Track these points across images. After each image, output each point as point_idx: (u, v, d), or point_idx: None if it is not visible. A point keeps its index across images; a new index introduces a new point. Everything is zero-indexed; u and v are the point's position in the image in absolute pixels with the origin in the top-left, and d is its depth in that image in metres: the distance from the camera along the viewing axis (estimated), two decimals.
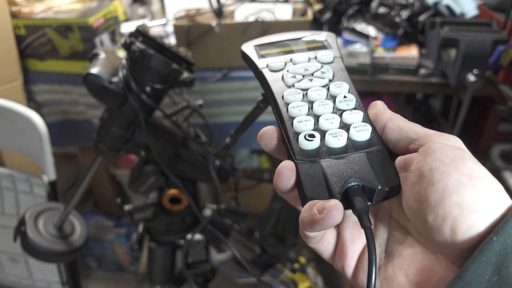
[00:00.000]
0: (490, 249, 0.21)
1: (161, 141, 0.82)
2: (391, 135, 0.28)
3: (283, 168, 0.27)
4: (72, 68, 1.23)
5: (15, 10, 1.20)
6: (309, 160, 0.28)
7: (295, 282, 1.14)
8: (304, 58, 0.34)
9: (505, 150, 1.28)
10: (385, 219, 0.29)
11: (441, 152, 0.24)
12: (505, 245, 0.21)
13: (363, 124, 0.29)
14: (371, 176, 0.27)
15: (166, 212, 0.91)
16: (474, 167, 0.24)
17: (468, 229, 0.22)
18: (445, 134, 0.26)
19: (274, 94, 0.32)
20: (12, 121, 1.00)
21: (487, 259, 0.21)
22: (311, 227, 0.25)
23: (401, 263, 0.26)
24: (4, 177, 1.07)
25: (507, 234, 0.21)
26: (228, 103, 1.22)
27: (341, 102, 0.30)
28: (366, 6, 1.25)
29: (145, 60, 0.73)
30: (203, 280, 0.98)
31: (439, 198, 0.23)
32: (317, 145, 0.28)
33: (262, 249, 1.06)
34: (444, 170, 0.23)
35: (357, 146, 0.28)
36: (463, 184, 0.23)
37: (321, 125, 0.29)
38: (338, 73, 0.33)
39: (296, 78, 0.32)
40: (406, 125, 0.27)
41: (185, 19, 1.17)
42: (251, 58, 0.35)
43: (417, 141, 0.26)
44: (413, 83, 1.12)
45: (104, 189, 1.61)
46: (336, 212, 0.24)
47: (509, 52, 0.95)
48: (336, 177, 0.27)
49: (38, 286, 1.16)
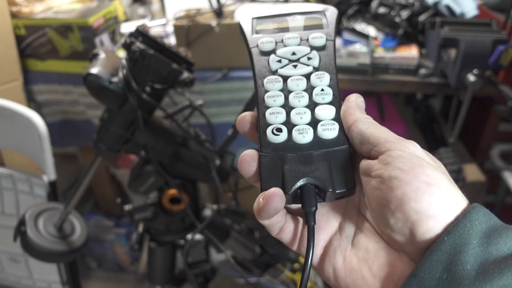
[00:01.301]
0: (441, 248, 0.23)
1: (161, 141, 0.82)
2: (355, 138, 0.28)
3: (245, 156, 0.29)
4: (72, 68, 1.23)
5: (15, 10, 1.20)
6: (273, 154, 0.29)
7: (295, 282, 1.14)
8: (295, 40, 0.33)
9: (505, 150, 1.28)
10: (353, 213, 0.30)
11: (400, 161, 0.25)
12: (455, 244, 0.22)
13: (332, 123, 0.29)
14: (325, 177, 0.28)
15: (166, 212, 0.91)
16: (432, 174, 0.25)
17: (426, 232, 0.24)
18: (404, 141, 0.27)
19: (256, 78, 0.32)
20: (12, 121, 1.00)
21: (438, 257, 0.23)
22: (259, 215, 0.27)
23: (366, 256, 0.27)
24: (4, 177, 1.07)
25: (458, 234, 0.23)
26: (228, 103, 1.22)
27: (318, 95, 0.30)
28: (366, 6, 1.25)
29: (145, 60, 0.73)
30: (203, 280, 0.98)
31: (398, 203, 0.24)
32: (283, 139, 0.29)
33: (262, 249, 1.06)
34: (403, 177, 0.25)
35: (323, 144, 0.29)
36: (422, 191, 0.24)
37: (292, 119, 0.30)
38: (325, 60, 0.32)
39: (281, 63, 0.32)
40: (368, 131, 0.28)
41: (185, 19, 1.17)
42: (245, 33, 0.35)
43: (377, 147, 0.27)
44: (413, 83, 1.12)
45: (104, 189, 1.61)
46: (275, 199, 0.26)
47: (509, 52, 0.95)
48: (293, 174, 0.28)
49: (38, 286, 1.16)
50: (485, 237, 0.23)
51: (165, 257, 0.97)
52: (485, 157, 1.32)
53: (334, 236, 0.29)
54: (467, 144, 1.33)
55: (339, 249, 0.28)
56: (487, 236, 0.23)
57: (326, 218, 0.30)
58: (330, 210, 0.30)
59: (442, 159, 1.19)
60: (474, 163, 1.24)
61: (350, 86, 1.16)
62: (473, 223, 0.23)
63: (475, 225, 0.23)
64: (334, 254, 0.28)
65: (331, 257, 0.28)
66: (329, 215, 0.30)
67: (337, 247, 0.28)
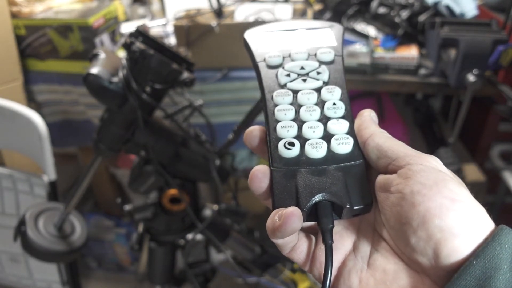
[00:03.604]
0: (469, 273, 0.21)
1: (161, 141, 0.82)
2: (371, 152, 0.27)
3: (256, 171, 0.28)
4: (72, 68, 1.23)
5: (15, 10, 1.20)
6: (285, 169, 0.27)
7: (295, 282, 1.14)
8: (303, 55, 0.33)
9: (505, 150, 1.28)
10: (368, 232, 0.28)
11: (422, 175, 0.24)
12: (485, 269, 0.21)
13: (346, 137, 0.28)
14: (342, 193, 0.26)
15: (166, 212, 0.91)
16: (456, 190, 0.24)
17: (451, 253, 0.22)
18: (425, 155, 0.26)
19: (265, 92, 0.31)
20: (12, 121, 1.00)
21: (467, 282, 0.21)
22: (273, 234, 0.26)
23: (383, 278, 0.25)
24: (4, 177, 1.07)
25: (487, 258, 0.21)
26: (228, 103, 1.23)
27: (329, 109, 0.30)
28: (366, 6, 1.25)
29: (145, 60, 0.73)
30: (203, 280, 0.98)
31: (421, 220, 0.23)
32: (296, 153, 0.28)
33: (262, 249, 1.06)
34: (426, 192, 0.23)
35: (337, 158, 0.28)
36: (446, 207, 0.23)
37: (304, 133, 0.29)
38: (334, 75, 0.32)
39: (290, 77, 0.32)
40: (386, 144, 0.27)
41: (185, 19, 1.17)
42: (251, 48, 0.34)
43: (395, 161, 0.26)
44: (413, 83, 1.12)
45: (104, 189, 1.61)
46: (293, 219, 0.25)
47: (509, 52, 0.95)
48: (308, 190, 0.27)
49: (38, 286, 1.16)
50: None
51: (165, 257, 0.97)
52: (485, 157, 1.32)
53: (349, 256, 0.27)
54: (467, 144, 1.33)
55: (354, 270, 0.26)
56: None
57: (339, 237, 0.28)
58: (344, 229, 0.28)
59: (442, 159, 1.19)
60: (474, 163, 1.24)
61: (350, 86, 1.16)
62: (503, 247, 0.22)
63: (505, 249, 0.22)
64: (349, 276, 0.26)
65: (345, 279, 0.26)
66: (342, 234, 0.28)
67: (352, 268, 0.27)
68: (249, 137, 0.30)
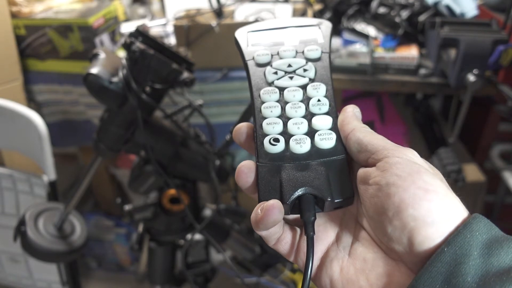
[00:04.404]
0: (441, 260, 0.22)
1: (161, 141, 0.82)
2: (352, 147, 0.28)
3: (242, 167, 0.29)
4: (72, 68, 1.23)
5: (15, 10, 1.20)
6: (270, 164, 0.29)
7: (295, 282, 1.14)
8: (291, 53, 0.34)
9: (505, 150, 1.28)
10: (351, 223, 0.29)
11: (397, 167, 0.25)
12: (456, 256, 0.22)
13: (329, 132, 0.29)
14: (324, 187, 0.27)
15: (166, 212, 0.91)
16: (430, 181, 0.24)
17: (424, 240, 0.23)
18: (402, 148, 0.27)
19: (253, 90, 0.32)
20: (12, 121, 1.00)
21: (438, 269, 0.22)
22: (257, 226, 0.27)
23: (363, 267, 0.26)
24: (4, 177, 1.07)
25: (458, 245, 0.22)
26: (228, 103, 1.23)
27: (314, 106, 0.31)
28: (366, 6, 1.25)
29: (145, 60, 0.73)
30: (203, 280, 0.98)
31: (396, 210, 0.24)
32: (280, 149, 0.29)
33: (262, 249, 1.06)
34: (400, 184, 0.24)
35: (321, 153, 0.29)
36: (419, 197, 0.24)
37: (289, 129, 0.30)
38: (321, 72, 0.33)
39: (278, 74, 0.32)
40: (366, 138, 0.28)
41: (185, 19, 1.17)
42: (241, 46, 0.35)
43: (374, 155, 0.27)
44: (413, 83, 1.12)
45: (104, 189, 1.61)
46: (273, 211, 0.26)
47: (509, 52, 0.95)
48: (291, 184, 0.28)
49: (38, 286, 1.16)
50: (486, 248, 0.22)
51: (165, 257, 0.97)
52: (485, 157, 1.32)
53: (331, 247, 0.29)
54: (467, 144, 1.33)
55: (336, 260, 0.28)
56: (488, 247, 0.22)
57: (323, 229, 0.29)
58: (327, 221, 0.30)
59: (442, 159, 1.19)
60: (474, 163, 1.24)
61: (350, 86, 1.16)
62: (474, 234, 0.22)
63: (475, 236, 0.22)
64: (331, 265, 0.28)
65: (328, 268, 0.28)
66: (326, 226, 0.29)
67: (334, 257, 0.28)
68: (237, 133, 0.31)
